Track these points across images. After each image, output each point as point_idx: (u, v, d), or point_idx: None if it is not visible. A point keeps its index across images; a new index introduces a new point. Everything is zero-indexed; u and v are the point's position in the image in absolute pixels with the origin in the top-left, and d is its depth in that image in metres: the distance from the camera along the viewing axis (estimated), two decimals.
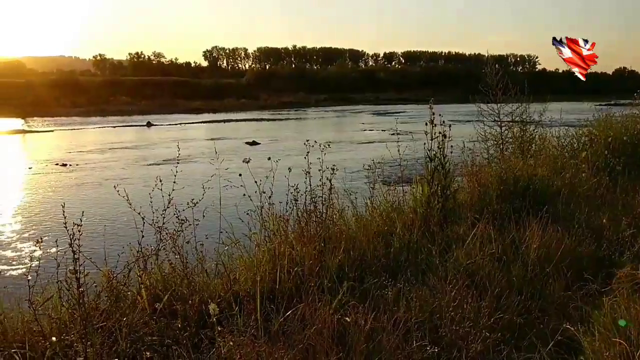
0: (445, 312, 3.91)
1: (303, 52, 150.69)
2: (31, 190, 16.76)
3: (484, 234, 5.40)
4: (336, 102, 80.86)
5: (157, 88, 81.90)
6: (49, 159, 23.56)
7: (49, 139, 35.82)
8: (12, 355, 3.53)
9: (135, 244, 4.74)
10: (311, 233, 5.28)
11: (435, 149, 6.33)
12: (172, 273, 4.69)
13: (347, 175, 7.08)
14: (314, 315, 3.79)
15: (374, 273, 4.73)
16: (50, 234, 9.26)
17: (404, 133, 7.08)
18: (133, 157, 24.12)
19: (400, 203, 6.61)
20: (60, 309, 3.98)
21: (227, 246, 5.29)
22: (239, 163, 5.56)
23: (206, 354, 3.49)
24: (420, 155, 6.69)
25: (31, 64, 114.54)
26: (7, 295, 4.51)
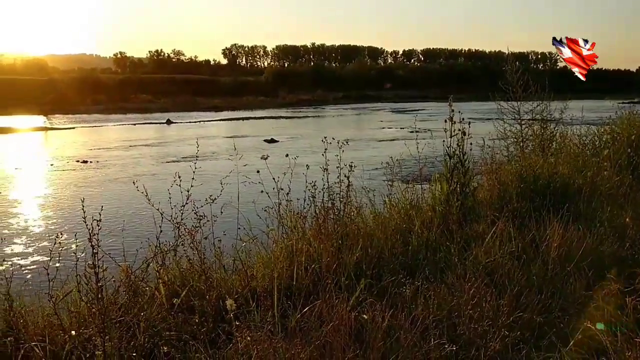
0: (464, 311, 3.87)
1: (322, 49, 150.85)
2: (52, 186, 16.98)
3: (503, 232, 5.35)
4: (355, 100, 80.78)
5: (177, 86, 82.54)
6: (70, 156, 23.85)
7: (70, 136, 36.26)
8: (33, 347, 3.56)
9: (154, 240, 4.77)
10: (329, 230, 5.27)
11: (455, 146, 6.28)
12: (190, 269, 4.71)
13: (365, 172, 7.05)
14: (331, 312, 3.77)
15: (391, 271, 4.70)
16: (70, 229, 9.37)
17: (423, 131, 7.05)
18: (153, 154, 24.32)
19: (418, 201, 6.57)
20: (79, 303, 4.02)
21: (245, 242, 5.30)
22: (257, 160, 5.57)
23: (223, 350, 3.49)
24: (439, 153, 6.65)
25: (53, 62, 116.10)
26: (27, 289, 4.57)
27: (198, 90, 79.70)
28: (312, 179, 5.53)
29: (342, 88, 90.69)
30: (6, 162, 22.73)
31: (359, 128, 40.23)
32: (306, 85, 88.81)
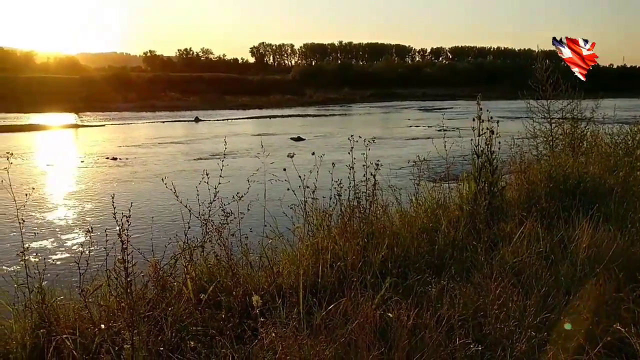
0: (490, 310, 3.85)
1: (349, 47, 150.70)
2: (82, 183, 17.29)
3: (531, 232, 5.29)
4: (382, 98, 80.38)
5: (205, 84, 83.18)
6: (100, 153, 24.23)
7: (100, 133, 36.84)
8: (64, 340, 3.64)
9: (182, 236, 4.84)
10: (354, 228, 5.28)
11: (483, 145, 6.23)
12: (217, 265, 4.76)
13: (392, 171, 7.05)
14: (356, 310, 3.78)
15: (417, 270, 4.69)
16: (101, 224, 9.53)
17: (450, 129, 6.99)
18: (181, 152, 24.58)
19: (445, 200, 6.53)
20: (109, 298, 4.10)
21: (271, 240, 5.34)
22: (284, 158, 5.60)
23: (249, 345, 3.53)
24: (467, 152, 6.60)
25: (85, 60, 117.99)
26: (59, 283, 4.67)
27: (226, 88, 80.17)
28: (338, 177, 5.54)
29: (370, 86, 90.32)
30: (39, 158, 23.21)
31: (386, 126, 40.06)
32: (333, 84, 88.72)
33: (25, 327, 3.93)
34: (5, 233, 10.34)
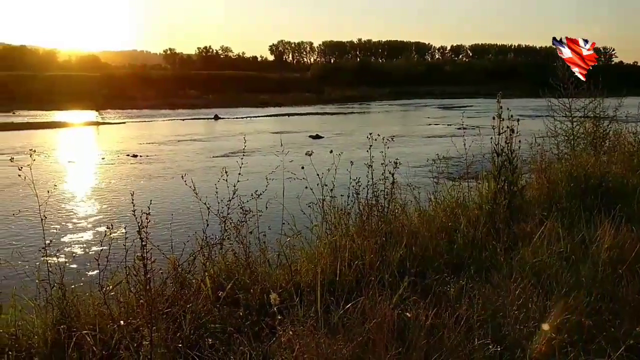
0: (509, 311, 3.81)
1: (368, 45, 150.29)
2: (103, 180, 17.47)
3: (552, 232, 5.23)
4: (401, 96, 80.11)
5: (224, 82, 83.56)
6: (121, 150, 24.47)
7: (120, 130, 37.21)
8: (84, 336, 3.68)
9: (201, 233, 4.86)
10: (372, 227, 5.27)
11: (503, 144, 6.18)
12: (235, 262, 4.78)
13: (411, 169, 7.02)
14: (374, 309, 3.77)
15: (436, 269, 4.67)
16: (120, 221, 9.63)
17: (470, 127, 6.95)
18: (200, 149, 24.72)
19: (465, 199, 6.49)
20: (128, 294, 4.13)
21: (289, 238, 5.35)
22: (302, 156, 5.60)
23: (266, 343, 3.53)
24: (487, 151, 6.54)
25: (106, 58, 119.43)
26: (79, 279, 4.73)
27: (245, 86, 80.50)
28: (357, 175, 5.53)
29: (389, 84, 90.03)
30: (61, 155, 23.51)
31: (405, 124, 39.90)
32: (352, 82, 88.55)
33: (46, 323, 3.99)
34: (27, 229, 10.49)
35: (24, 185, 4.59)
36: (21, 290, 4.34)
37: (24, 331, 3.97)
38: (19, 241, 9.85)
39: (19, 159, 4.25)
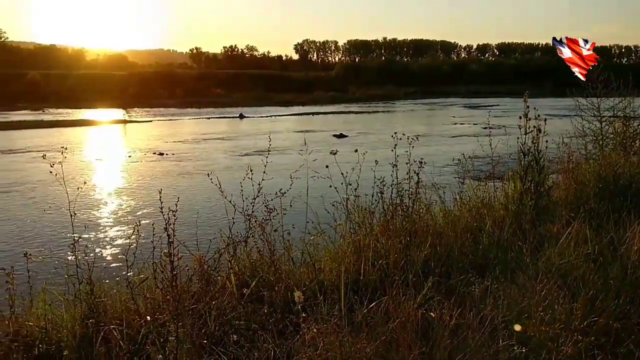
0: (535, 312, 3.77)
1: (393, 44, 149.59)
2: (130, 177, 17.71)
3: (579, 233, 5.16)
4: (426, 95, 79.68)
5: (249, 81, 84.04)
6: (147, 148, 24.78)
7: (147, 128, 37.66)
8: (112, 330, 3.75)
9: (226, 231, 4.91)
10: (397, 226, 5.26)
11: (529, 143, 6.11)
12: (260, 260, 4.82)
13: (436, 169, 6.98)
14: (398, 309, 3.77)
15: (460, 269, 4.64)
16: (147, 218, 9.76)
17: (496, 127, 6.90)
18: (226, 148, 24.90)
19: (490, 199, 6.44)
20: (154, 290, 4.19)
21: (313, 236, 5.37)
22: (326, 155, 5.61)
23: (290, 340, 3.56)
24: (513, 151, 6.49)
25: (133, 57, 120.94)
26: (107, 275, 4.81)
27: (270, 85, 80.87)
28: (381, 174, 5.53)
29: (414, 83, 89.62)
30: (89, 153, 23.89)
31: (430, 124, 39.66)
32: (377, 80, 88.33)
33: (75, 317, 4.06)
34: (57, 225, 10.70)
35: (54, 182, 4.68)
36: (51, 285, 4.43)
37: (54, 325, 4.05)
38: (50, 237, 10.05)
39: (49, 156, 4.33)
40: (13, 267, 4.15)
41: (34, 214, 12.16)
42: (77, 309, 4.13)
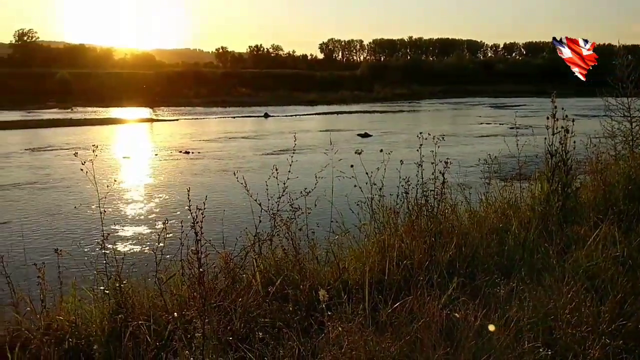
0: (561, 315, 3.74)
1: (419, 43, 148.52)
2: (157, 175, 17.94)
3: (607, 235, 5.09)
4: (452, 95, 78.95)
5: (274, 80, 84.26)
6: (174, 147, 25.06)
7: (173, 127, 38.06)
8: (139, 326, 3.81)
9: (252, 229, 4.96)
10: (421, 227, 5.25)
11: (557, 144, 6.05)
12: (285, 259, 4.85)
13: (461, 169, 6.94)
14: (422, 309, 3.77)
15: (485, 270, 4.61)
16: (174, 216, 9.88)
17: (523, 127, 6.83)
18: (251, 147, 25.06)
19: (517, 200, 6.38)
20: (181, 287, 4.26)
21: (338, 235, 5.39)
22: (351, 154, 5.63)
23: (315, 339, 3.58)
24: (540, 151, 6.42)
25: (160, 56, 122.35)
26: (135, 271, 4.89)
27: (295, 84, 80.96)
28: (406, 174, 5.52)
29: (439, 82, 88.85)
30: (116, 151, 24.25)
31: (455, 123, 39.35)
32: (402, 80, 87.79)
33: (104, 312, 4.15)
34: (87, 222, 10.89)
35: (84, 179, 4.77)
36: (81, 281, 4.52)
37: (83, 320, 4.13)
38: (80, 233, 10.23)
39: (79, 154, 4.42)
40: (44, 263, 4.24)
41: (64, 211, 12.40)
42: (106, 305, 4.22)
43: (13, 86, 65.74)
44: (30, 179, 17.15)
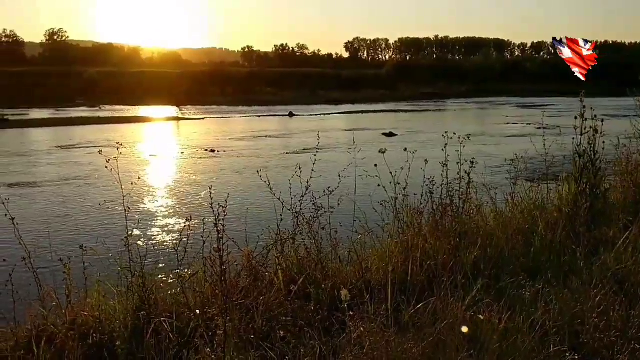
0: (589, 318, 3.66)
1: (445, 42, 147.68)
2: (182, 173, 18.11)
3: (637, 238, 4.97)
4: (478, 94, 78.18)
5: (299, 79, 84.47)
6: (199, 145, 25.27)
7: (199, 126, 38.38)
8: (162, 323, 3.83)
9: (274, 227, 4.95)
10: (446, 227, 5.19)
11: (585, 144, 5.93)
12: (307, 257, 4.83)
13: (487, 169, 6.84)
14: (446, 310, 3.72)
15: (511, 272, 4.54)
16: (198, 213, 9.94)
17: (550, 127, 6.71)
18: (275, 146, 25.14)
19: (543, 201, 6.27)
20: (204, 284, 4.27)
21: (360, 235, 5.35)
22: (375, 153, 5.58)
23: (337, 338, 3.56)
24: (567, 152, 6.31)
25: (186, 55, 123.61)
26: (158, 268, 4.93)
27: (320, 83, 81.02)
28: (431, 174, 5.46)
29: (466, 81, 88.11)
30: (143, 149, 24.53)
31: (481, 123, 38.95)
32: (428, 79, 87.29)
33: (127, 308, 4.17)
34: (111, 219, 11.02)
35: (109, 177, 4.81)
36: (105, 277, 4.56)
37: (107, 316, 4.17)
38: (104, 230, 10.37)
39: (105, 152, 4.46)
40: (70, 258, 4.29)
41: (89, 207, 12.58)
42: (129, 301, 4.24)
43: (44, 84, 67.09)
44: (58, 175, 17.45)
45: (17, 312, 4.11)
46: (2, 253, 5.55)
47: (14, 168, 19.26)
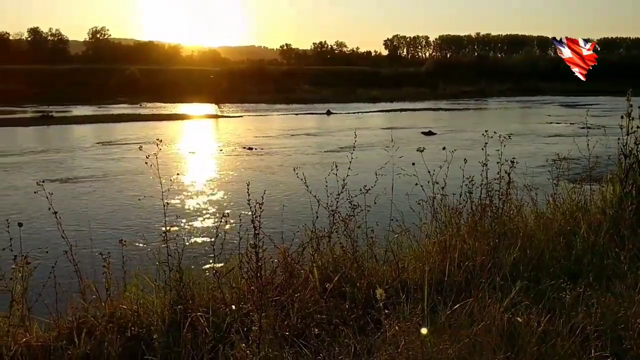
0: (633, 324, 3.55)
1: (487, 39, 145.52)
2: (220, 170, 18.31)
3: None
4: (520, 93, 76.71)
5: (337, 77, 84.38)
6: (237, 143, 25.50)
7: (237, 123, 38.72)
8: (198, 317, 3.88)
9: (310, 225, 4.95)
10: (485, 228, 5.11)
11: (632, 145, 5.75)
12: (343, 256, 4.83)
13: (528, 169, 6.71)
14: (483, 312, 3.66)
15: (551, 274, 4.45)
16: (235, 210, 10.04)
17: (595, 127, 6.54)
18: (312, 144, 25.18)
19: (586, 202, 6.12)
20: (240, 280, 4.30)
21: (397, 234, 5.31)
22: (413, 152, 5.53)
23: (371, 337, 3.54)
24: (612, 152, 6.14)
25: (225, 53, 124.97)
26: (195, 264, 4.98)
27: (358, 81, 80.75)
28: (470, 173, 5.38)
29: (507, 80, 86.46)
30: (182, 146, 24.90)
31: (523, 122, 38.22)
32: (468, 77, 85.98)
33: (164, 303, 4.24)
34: (150, 214, 11.22)
35: (148, 173, 4.90)
36: (143, 271, 4.64)
37: (145, 309, 4.24)
38: (143, 225, 10.56)
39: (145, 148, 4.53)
40: (109, 253, 4.38)
41: (129, 203, 12.84)
42: (166, 295, 4.31)
43: (86, 82, 68.84)
44: (99, 171, 17.86)
45: (59, 303, 4.22)
46: (45, 246, 5.72)
47: (57, 163, 19.80)
